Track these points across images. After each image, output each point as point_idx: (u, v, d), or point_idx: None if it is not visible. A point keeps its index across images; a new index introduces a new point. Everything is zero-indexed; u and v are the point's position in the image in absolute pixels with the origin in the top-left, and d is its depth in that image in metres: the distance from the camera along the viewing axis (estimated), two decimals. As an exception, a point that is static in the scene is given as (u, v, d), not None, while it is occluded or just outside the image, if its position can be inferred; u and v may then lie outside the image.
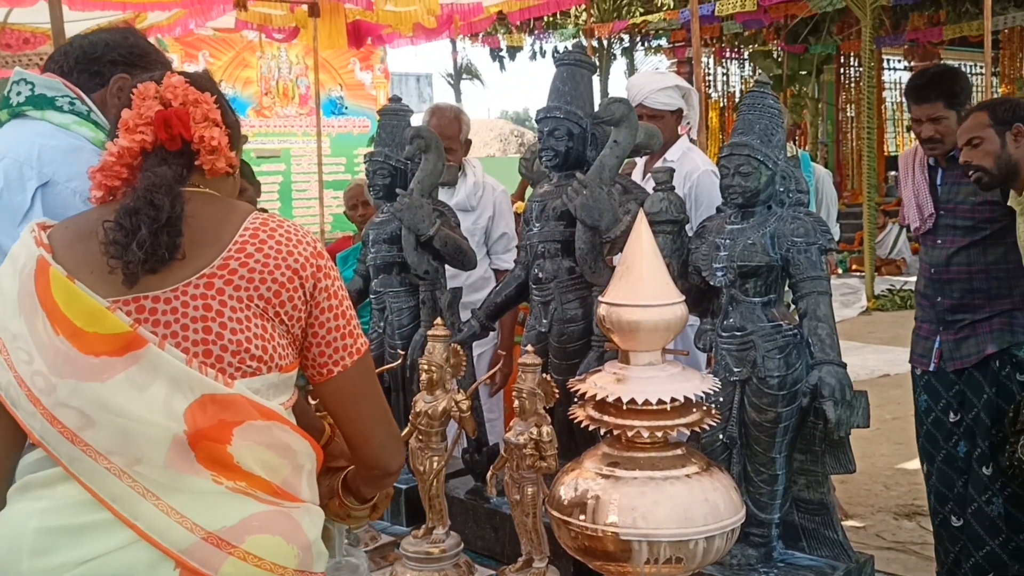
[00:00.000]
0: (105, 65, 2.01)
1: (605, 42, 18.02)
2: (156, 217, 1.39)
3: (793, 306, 2.30)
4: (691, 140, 4.01)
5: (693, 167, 3.60)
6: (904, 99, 3.39)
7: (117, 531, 1.35)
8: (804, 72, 18.07)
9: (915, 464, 4.16)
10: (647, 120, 3.62)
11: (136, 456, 1.36)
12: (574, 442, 2.36)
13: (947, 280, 3.35)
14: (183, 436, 1.37)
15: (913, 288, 4.08)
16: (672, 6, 15.35)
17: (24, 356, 1.39)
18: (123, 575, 1.34)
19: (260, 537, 1.37)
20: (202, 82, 1.57)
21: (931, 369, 3.40)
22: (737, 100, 17.36)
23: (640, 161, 3.74)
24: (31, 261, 1.43)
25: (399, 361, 2.73)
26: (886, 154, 17.52)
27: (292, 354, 1.51)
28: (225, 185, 1.60)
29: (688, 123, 3.93)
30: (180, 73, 1.57)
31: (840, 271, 13.47)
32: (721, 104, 18.04)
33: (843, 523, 2.45)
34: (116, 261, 1.38)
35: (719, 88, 18.92)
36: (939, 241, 3.41)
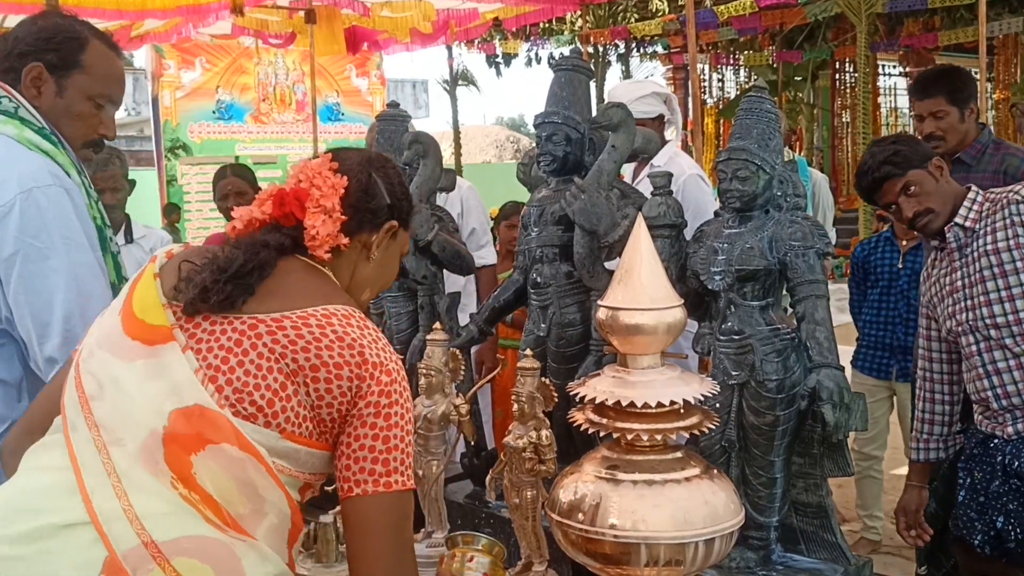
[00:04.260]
0: (16, 59, 2.02)
1: (600, 49, 18.04)
2: (224, 268, 1.47)
3: (791, 310, 2.31)
4: (689, 145, 4.02)
5: (679, 171, 3.60)
6: (908, 102, 3.27)
7: (75, 510, 1.38)
8: (799, 78, 18.10)
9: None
10: None
11: (118, 436, 1.42)
12: (573, 446, 2.37)
13: None
14: (160, 432, 1.41)
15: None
16: (667, 12, 15.38)
17: (94, 330, 1.54)
18: (61, 546, 1.36)
19: (188, 560, 1.35)
20: (349, 164, 1.62)
21: None
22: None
23: (628, 168, 3.75)
24: (146, 262, 1.58)
25: (398, 366, 2.73)
26: (881, 160, 17.51)
27: (309, 430, 1.47)
28: (342, 259, 1.63)
29: (672, 125, 3.94)
30: (334, 152, 1.63)
31: (836, 276, 13.48)
32: (717, 109, 18.06)
33: (841, 527, 2.45)
34: (179, 299, 1.48)
35: (714, 94, 18.96)
36: None
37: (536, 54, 18.30)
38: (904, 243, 4.11)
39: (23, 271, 1.90)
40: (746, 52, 18.06)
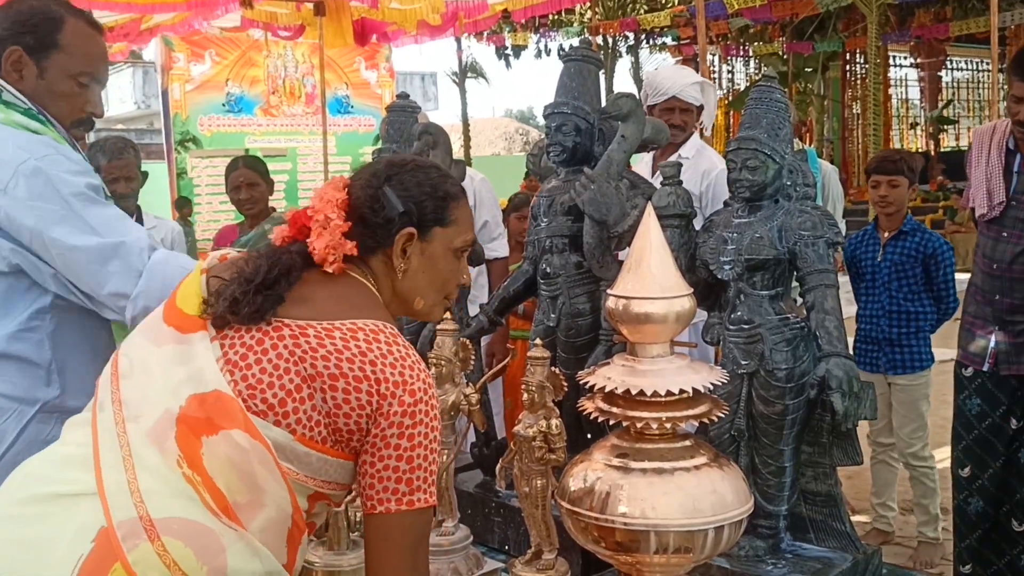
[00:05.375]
0: None
1: (610, 40, 18.01)
2: (250, 278, 1.51)
3: (800, 299, 2.31)
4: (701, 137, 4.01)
5: (711, 165, 3.59)
6: (1008, 74, 2.91)
7: (85, 482, 1.43)
8: (810, 69, 18.05)
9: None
10: (680, 114, 3.64)
11: (136, 413, 1.46)
12: (583, 435, 2.38)
13: (1010, 278, 3.10)
14: (175, 412, 1.44)
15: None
16: (676, 3, 15.36)
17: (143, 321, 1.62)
18: (63, 512, 1.41)
19: (174, 541, 1.38)
20: (357, 178, 1.64)
21: (985, 370, 3.20)
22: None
23: (648, 156, 3.74)
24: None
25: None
26: (892, 151, 17.49)
27: (323, 435, 1.48)
28: (378, 272, 1.63)
29: (701, 123, 3.93)
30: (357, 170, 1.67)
31: (845, 268, 13.43)
32: (727, 101, 18.02)
33: (851, 517, 2.46)
34: (208, 311, 1.52)
35: (724, 85, 18.92)
36: (1004, 234, 3.13)
37: (545, 46, 18.30)
38: (885, 235, 4.07)
39: (54, 233, 1.91)
40: (756, 43, 18.02)
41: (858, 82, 18.60)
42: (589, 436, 2.29)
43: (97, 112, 2.14)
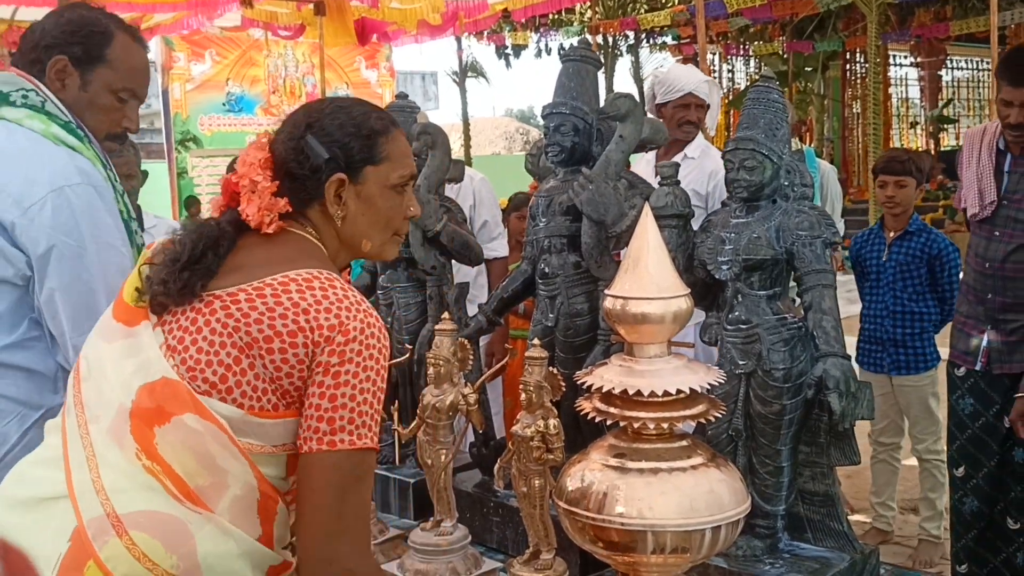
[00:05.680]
0: (42, 51, 2.02)
1: (610, 39, 18.02)
2: (176, 258, 1.50)
3: (797, 299, 2.31)
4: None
5: (717, 166, 3.57)
6: (996, 77, 2.90)
7: (60, 483, 1.47)
8: (810, 68, 18.05)
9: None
10: (695, 110, 3.64)
11: (96, 414, 1.48)
12: (580, 435, 2.38)
13: (1002, 277, 3.11)
14: (128, 407, 1.46)
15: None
16: (676, 2, 15.36)
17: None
18: (45, 517, 1.45)
19: (141, 534, 1.40)
20: (279, 134, 1.60)
21: (977, 369, 3.21)
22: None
23: (650, 155, 3.73)
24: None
25: (406, 356, 2.75)
26: (892, 150, 17.48)
27: (273, 402, 1.47)
28: (318, 224, 1.60)
29: (706, 124, 3.93)
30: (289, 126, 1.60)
31: (845, 267, 13.43)
32: (727, 100, 18.03)
33: (848, 517, 2.46)
34: (143, 299, 1.52)
35: (724, 85, 18.91)
36: (996, 233, 3.14)
37: (546, 45, 18.31)
38: (890, 235, 4.06)
39: (58, 268, 1.91)
40: (756, 43, 18.02)
41: (858, 81, 18.59)
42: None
43: (132, 128, 2.13)
